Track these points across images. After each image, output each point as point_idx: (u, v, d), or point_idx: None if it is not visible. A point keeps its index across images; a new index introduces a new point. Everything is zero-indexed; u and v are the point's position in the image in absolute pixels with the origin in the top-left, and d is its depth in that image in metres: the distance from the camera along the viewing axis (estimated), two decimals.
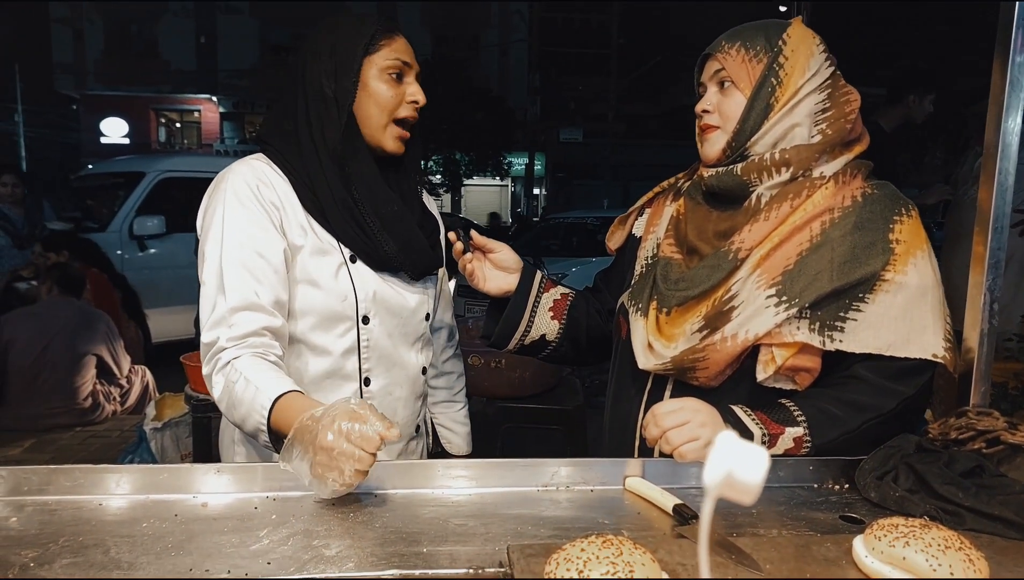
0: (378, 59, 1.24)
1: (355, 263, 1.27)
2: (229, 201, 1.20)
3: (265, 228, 1.20)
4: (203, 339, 1.16)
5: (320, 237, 1.25)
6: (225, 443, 1.38)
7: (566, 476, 1.05)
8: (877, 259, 1.09)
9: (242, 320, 1.14)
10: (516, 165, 25.72)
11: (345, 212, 1.24)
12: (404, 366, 1.36)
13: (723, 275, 1.14)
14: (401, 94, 1.26)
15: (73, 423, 3.59)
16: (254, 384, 1.08)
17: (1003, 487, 0.93)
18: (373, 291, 1.28)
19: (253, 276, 1.17)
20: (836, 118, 1.15)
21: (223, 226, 1.18)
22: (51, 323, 3.64)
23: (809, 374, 1.12)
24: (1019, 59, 1.13)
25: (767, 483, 1.06)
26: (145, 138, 24.75)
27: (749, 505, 0.54)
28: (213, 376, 1.14)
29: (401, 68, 1.26)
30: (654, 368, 1.18)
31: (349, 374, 1.29)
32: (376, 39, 1.24)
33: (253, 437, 1.12)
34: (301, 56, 1.26)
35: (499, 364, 2.67)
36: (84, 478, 0.98)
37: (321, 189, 1.23)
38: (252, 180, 1.22)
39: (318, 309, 1.24)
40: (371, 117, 1.25)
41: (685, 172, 1.34)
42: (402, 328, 1.34)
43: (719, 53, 1.17)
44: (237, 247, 1.17)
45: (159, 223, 6.13)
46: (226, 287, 1.15)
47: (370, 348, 1.30)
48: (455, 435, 1.57)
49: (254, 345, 1.14)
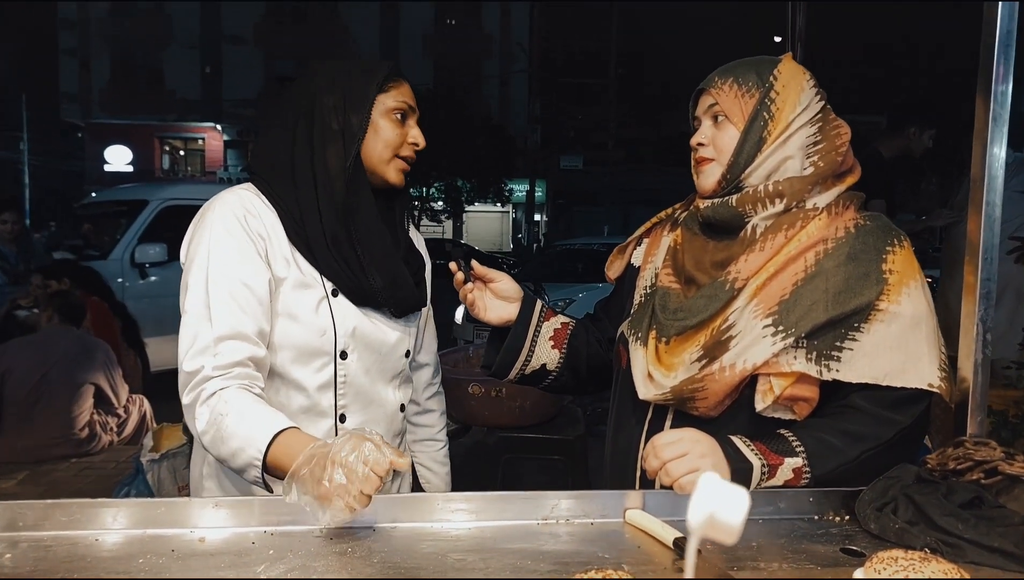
0: (387, 99, 1.27)
1: (336, 297, 1.26)
2: (216, 230, 1.19)
3: (251, 258, 1.19)
4: (185, 367, 1.14)
5: (303, 270, 1.24)
6: (195, 476, 1.34)
7: (566, 509, 1.04)
8: (871, 289, 1.10)
9: (228, 349, 1.13)
10: (517, 192, 25.92)
11: (334, 245, 1.24)
12: (381, 403, 1.34)
13: (720, 305, 1.15)
14: (404, 135, 1.29)
15: (69, 454, 3.56)
16: (248, 419, 1.07)
17: (1003, 518, 0.93)
18: (353, 326, 1.27)
19: (239, 306, 1.16)
20: (827, 151, 1.17)
21: (209, 255, 1.18)
22: (50, 352, 3.64)
23: (807, 404, 1.12)
24: (1001, 88, 1.14)
25: (768, 515, 1.06)
26: (149, 166, 24.99)
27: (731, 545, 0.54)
28: (197, 407, 1.12)
29: (406, 110, 1.29)
30: (654, 398, 1.18)
31: (324, 410, 1.27)
32: (388, 80, 1.27)
33: (239, 471, 1.09)
34: (309, 88, 1.27)
35: (499, 393, 2.67)
36: (80, 513, 0.97)
37: (311, 221, 1.23)
38: (240, 210, 1.22)
39: (296, 343, 1.23)
40: (375, 152, 1.27)
41: (682, 203, 1.35)
42: (380, 364, 1.32)
43: (712, 88, 1.20)
44: (224, 276, 1.17)
45: (161, 251, 6.14)
46: (212, 316, 1.14)
47: (347, 384, 1.28)
48: (434, 475, 1.53)
49: (240, 376, 1.12)
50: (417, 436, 1.52)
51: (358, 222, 1.25)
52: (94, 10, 24.26)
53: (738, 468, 1.06)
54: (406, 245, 1.37)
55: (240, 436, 1.06)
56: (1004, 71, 1.14)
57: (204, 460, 1.31)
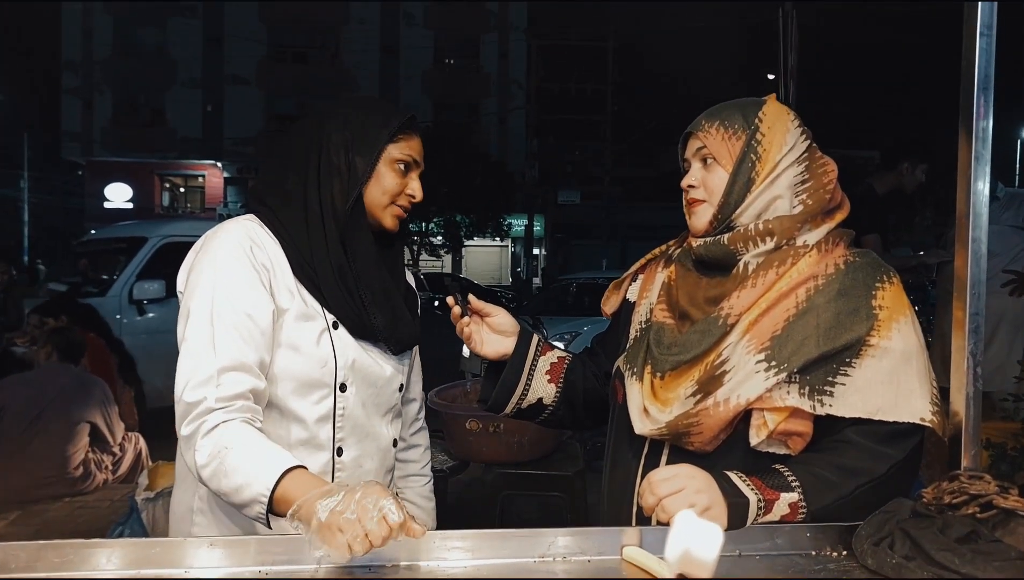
0: (395, 149, 1.28)
1: (337, 330, 1.27)
2: (221, 259, 1.19)
3: (256, 288, 1.19)
4: (185, 398, 1.12)
5: (306, 302, 1.25)
6: (179, 513, 1.31)
7: (563, 546, 1.04)
8: (861, 325, 1.11)
9: (230, 381, 1.13)
10: (516, 226, 26.09)
11: (340, 278, 1.25)
12: (376, 437, 1.35)
13: (714, 340, 1.16)
14: (403, 185, 1.30)
15: (62, 493, 3.51)
16: (255, 454, 1.07)
17: (998, 553, 0.92)
18: (352, 359, 1.28)
19: (242, 336, 1.15)
20: (815, 189, 1.19)
21: (215, 284, 1.18)
22: (46, 389, 3.62)
23: (801, 438, 1.12)
24: (983, 125, 1.16)
25: (765, 551, 1.06)
26: (149, 203, 25.17)
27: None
28: (198, 439, 1.10)
29: (410, 163, 1.31)
30: (650, 433, 1.18)
31: (322, 443, 1.27)
32: (400, 131, 1.28)
33: (241, 506, 1.08)
34: (322, 123, 1.28)
35: (498, 429, 2.65)
36: (74, 553, 0.97)
37: (318, 253, 1.24)
38: (245, 240, 1.22)
39: (297, 374, 1.23)
40: (374, 197, 1.28)
41: (676, 239, 1.37)
42: (376, 398, 1.33)
43: (700, 132, 1.23)
44: (229, 306, 1.16)
45: (159, 287, 6.15)
46: (216, 346, 1.13)
47: (345, 417, 1.28)
48: (420, 511, 1.52)
49: (242, 409, 1.12)
50: (403, 472, 1.52)
51: (358, 261, 1.27)
52: (98, 51, 24.67)
53: (735, 503, 1.06)
54: (405, 284, 1.39)
55: (245, 471, 1.06)
56: (985, 108, 1.17)
57: (195, 494, 1.28)
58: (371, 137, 1.26)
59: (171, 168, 26.20)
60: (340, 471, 1.29)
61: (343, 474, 1.29)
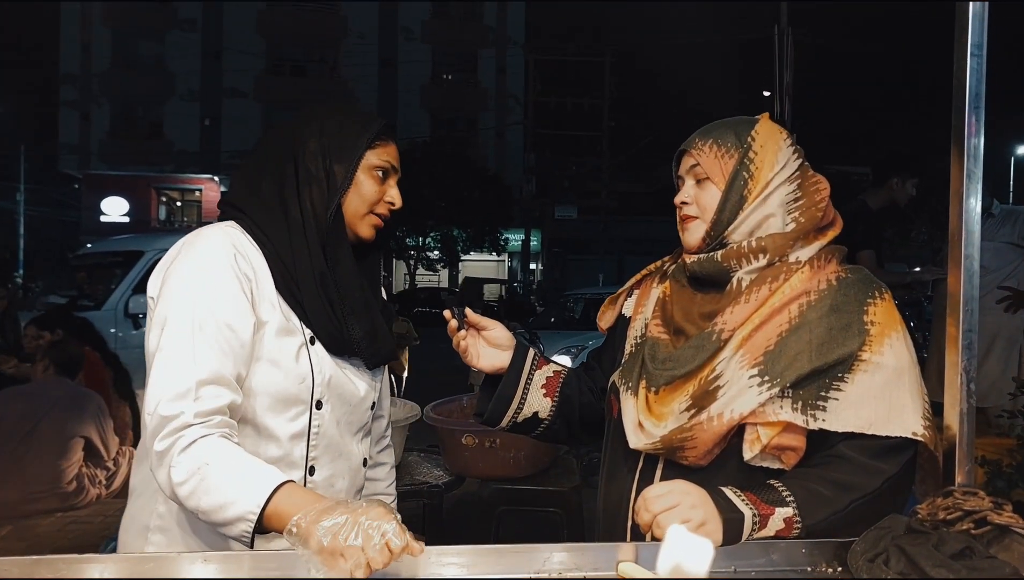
0: (372, 156, 1.27)
1: (313, 345, 1.24)
2: (207, 267, 1.15)
3: (238, 298, 1.15)
4: (160, 411, 1.06)
5: (286, 315, 1.21)
6: (133, 531, 1.25)
7: (559, 562, 1.04)
8: (853, 340, 1.12)
9: (209, 394, 1.08)
10: (513, 241, 26.12)
11: (321, 288, 1.22)
12: (348, 456, 1.32)
13: (707, 355, 1.17)
14: (382, 192, 1.29)
15: (55, 508, 3.48)
16: (239, 471, 1.04)
17: (993, 569, 0.92)
18: (329, 376, 1.25)
19: (222, 348, 1.11)
20: (807, 206, 1.21)
21: (196, 292, 1.13)
22: (41, 403, 3.60)
23: (795, 453, 1.13)
24: (974, 142, 1.18)
25: (761, 567, 1.06)
26: (145, 216, 25.13)
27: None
28: (174, 455, 1.04)
29: (388, 169, 1.30)
30: (644, 447, 1.19)
31: (295, 461, 1.23)
32: (378, 137, 1.28)
33: (222, 524, 1.03)
34: (297, 130, 1.26)
35: (493, 444, 2.64)
36: (67, 568, 0.96)
37: (301, 262, 1.21)
38: (228, 247, 1.18)
39: (275, 390, 1.20)
40: (352, 206, 1.27)
41: (671, 255, 1.38)
42: (349, 416, 1.31)
43: (693, 150, 1.24)
44: (210, 316, 1.11)
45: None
46: (196, 357, 1.09)
47: (319, 435, 1.25)
48: None
49: (220, 425, 1.08)
50: (369, 490, 1.47)
51: (339, 271, 1.25)
52: (96, 64, 24.75)
53: (730, 518, 1.06)
54: (382, 297, 1.38)
55: (229, 489, 1.02)
56: (976, 126, 1.18)
57: (152, 512, 1.22)
58: (349, 144, 1.25)
59: (168, 182, 26.20)
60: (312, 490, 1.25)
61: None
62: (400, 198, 1.32)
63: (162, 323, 1.13)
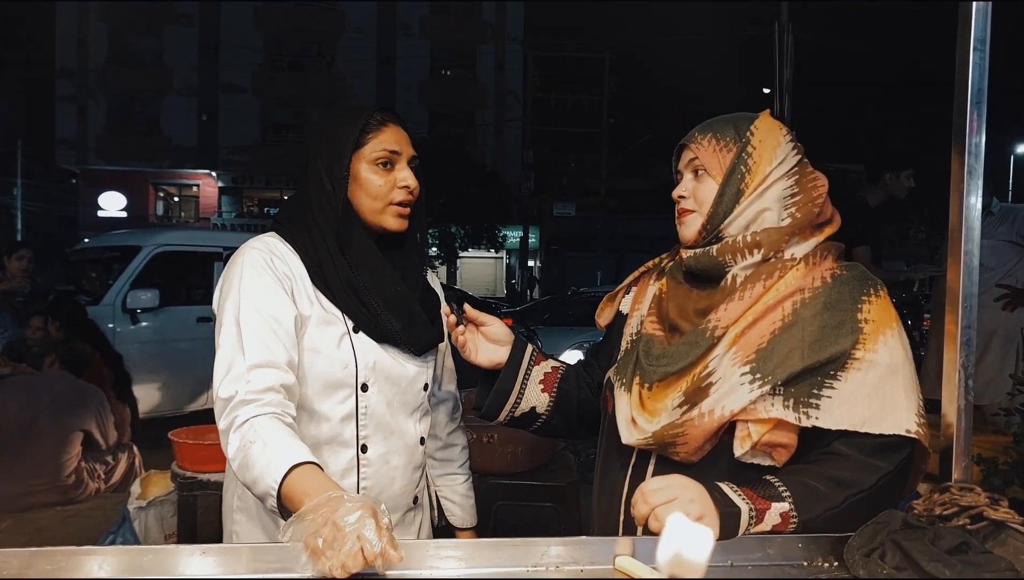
0: (366, 152, 1.31)
1: (357, 334, 1.32)
2: (246, 271, 1.27)
3: (279, 295, 1.26)
4: (220, 394, 1.19)
5: (326, 309, 1.31)
6: (225, 511, 1.39)
7: (556, 556, 1.04)
8: (846, 338, 1.12)
9: (260, 376, 1.18)
10: (511, 238, 26.11)
11: (351, 292, 1.31)
12: (402, 435, 1.39)
13: (701, 352, 1.17)
14: (392, 181, 1.33)
15: (55, 501, 3.49)
16: (271, 448, 1.10)
17: (989, 564, 0.93)
18: (373, 361, 1.33)
19: (269, 337, 1.22)
20: (804, 202, 1.21)
21: (240, 293, 1.25)
22: (41, 395, 3.60)
23: (786, 450, 1.13)
24: (975, 141, 1.18)
25: (757, 562, 1.06)
26: (143, 212, 25.08)
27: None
28: (230, 433, 1.16)
29: (389, 157, 1.32)
30: (637, 443, 1.20)
31: (347, 440, 1.33)
32: (364, 133, 1.31)
33: (260, 499, 1.12)
34: (305, 149, 1.35)
35: (492, 439, 2.66)
36: (65, 561, 0.96)
37: (328, 270, 1.31)
38: (266, 253, 1.30)
39: (320, 376, 1.29)
40: (364, 205, 1.32)
41: (669, 253, 1.39)
42: (401, 397, 1.38)
43: (692, 143, 1.25)
44: (254, 311, 1.23)
45: (153, 296, 6.14)
46: (245, 347, 1.20)
47: (368, 415, 1.33)
48: (457, 507, 1.57)
49: (272, 403, 1.17)
50: (441, 471, 1.57)
51: (363, 270, 1.31)
52: (93, 59, 24.66)
53: (726, 512, 1.07)
54: (423, 286, 1.42)
55: (261, 465, 1.09)
56: (977, 123, 1.18)
57: (235, 493, 1.36)
58: (337, 146, 1.31)
59: (165, 177, 26.14)
60: (366, 467, 1.34)
61: (369, 470, 1.35)
62: (414, 179, 1.34)
63: (219, 325, 1.26)
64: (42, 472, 3.49)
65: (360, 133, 1.31)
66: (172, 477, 2.76)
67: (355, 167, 1.31)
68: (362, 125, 1.31)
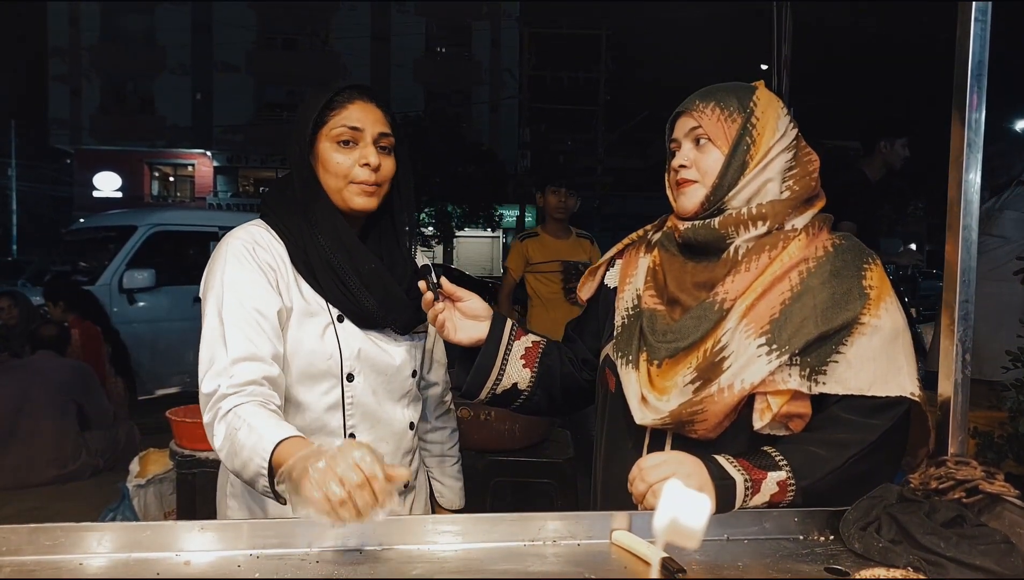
0: (327, 130, 1.30)
1: (342, 323, 1.32)
2: (229, 262, 1.26)
3: (262, 286, 1.25)
4: (203, 390, 1.18)
5: (308, 299, 1.30)
6: (219, 496, 1.40)
7: (553, 530, 1.05)
8: (855, 304, 1.13)
9: (242, 370, 1.17)
10: (507, 217, 26.01)
11: (330, 271, 1.30)
12: (389, 422, 1.39)
13: (710, 326, 1.16)
14: (354, 158, 1.30)
15: (54, 475, 3.51)
16: (257, 430, 1.09)
17: (984, 536, 0.94)
18: (358, 349, 1.32)
19: (252, 330, 1.21)
20: (802, 176, 1.21)
21: (223, 285, 1.24)
22: (34, 374, 3.61)
23: (802, 420, 1.14)
24: (975, 116, 1.17)
25: (753, 535, 1.07)
26: (138, 192, 24.91)
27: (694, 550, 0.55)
28: (215, 425, 1.15)
29: (350, 135, 1.29)
30: (652, 423, 1.17)
31: (334, 430, 1.32)
32: (328, 110, 1.30)
33: (251, 484, 1.11)
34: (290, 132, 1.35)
35: (488, 417, 2.66)
36: (64, 537, 0.97)
37: (312, 251, 1.30)
38: (250, 243, 1.29)
39: (304, 367, 1.29)
40: (328, 183, 1.31)
41: (653, 224, 1.36)
42: (387, 385, 1.37)
43: (694, 111, 1.22)
44: (237, 304, 1.22)
45: (149, 276, 6.13)
46: (227, 340, 1.19)
47: (354, 405, 1.33)
48: (447, 489, 1.59)
49: (254, 394, 1.16)
50: (430, 453, 1.58)
51: (338, 248, 1.30)
52: (86, 37, 24.35)
53: (721, 485, 1.07)
54: (407, 265, 1.39)
55: (248, 447, 1.08)
56: (977, 99, 1.18)
57: (228, 479, 1.37)
58: (300, 126, 1.31)
59: (160, 157, 25.92)
60: None
61: None
62: (376, 157, 1.30)
63: (203, 317, 1.25)
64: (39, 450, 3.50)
65: (322, 111, 1.29)
66: (170, 455, 2.77)
67: (319, 146, 1.30)
68: (325, 102, 1.29)
